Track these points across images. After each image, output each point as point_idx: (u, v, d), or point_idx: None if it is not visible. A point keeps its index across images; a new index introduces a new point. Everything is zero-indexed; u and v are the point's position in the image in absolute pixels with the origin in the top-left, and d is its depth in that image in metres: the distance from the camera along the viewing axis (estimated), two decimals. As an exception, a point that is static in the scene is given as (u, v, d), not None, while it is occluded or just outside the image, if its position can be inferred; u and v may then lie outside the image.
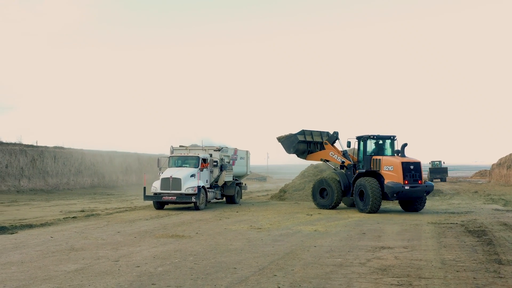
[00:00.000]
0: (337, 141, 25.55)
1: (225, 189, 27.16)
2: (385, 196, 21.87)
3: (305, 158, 26.18)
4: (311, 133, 26.06)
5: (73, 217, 19.81)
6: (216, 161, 25.35)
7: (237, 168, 28.18)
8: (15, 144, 38.90)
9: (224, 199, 28.09)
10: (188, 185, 23.05)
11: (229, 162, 26.97)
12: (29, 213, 22.32)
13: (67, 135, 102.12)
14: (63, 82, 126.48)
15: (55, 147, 43.56)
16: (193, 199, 22.83)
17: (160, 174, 24.00)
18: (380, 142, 23.26)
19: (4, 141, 38.16)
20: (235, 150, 28.31)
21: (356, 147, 23.80)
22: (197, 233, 15.14)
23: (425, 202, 22.94)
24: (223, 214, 21.69)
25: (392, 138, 23.26)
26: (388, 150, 23.17)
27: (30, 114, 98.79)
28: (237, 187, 28.01)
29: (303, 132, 25.54)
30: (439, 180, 62.32)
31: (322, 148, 25.64)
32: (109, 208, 25.16)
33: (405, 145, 23.06)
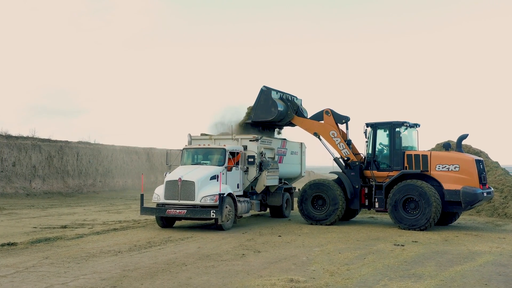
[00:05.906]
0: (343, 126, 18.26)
1: (268, 197, 18.78)
2: (445, 206, 16.04)
3: (291, 118, 18.70)
4: (281, 92, 18.82)
5: (9, 244, 12.26)
6: (253, 156, 17.05)
7: (286, 167, 19.59)
8: (26, 138, 32.31)
9: (268, 210, 19.82)
10: (206, 193, 14.92)
11: (273, 158, 18.58)
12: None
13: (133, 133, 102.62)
14: (133, 85, 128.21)
15: (79, 142, 36.77)
16: (213, 215, 14.69)
17: (167, 174, 16.06)
18: (406, 132, 17.39)
19: (14, 134, 31.74)
20: (283, 142, 19.77)
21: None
22: (165, 306, 6.95)
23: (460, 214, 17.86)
24: (254, 241, 13.34)
25: (417, 126, 17.82)
26: (414, 143, 17.70)
27: (103, 116, 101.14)
28: (286, 194, 19.48)
29: (268, 88, 18.18)
30: None
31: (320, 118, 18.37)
32: (107, 221, 17.80)
33: (464, 136, 16.80)
